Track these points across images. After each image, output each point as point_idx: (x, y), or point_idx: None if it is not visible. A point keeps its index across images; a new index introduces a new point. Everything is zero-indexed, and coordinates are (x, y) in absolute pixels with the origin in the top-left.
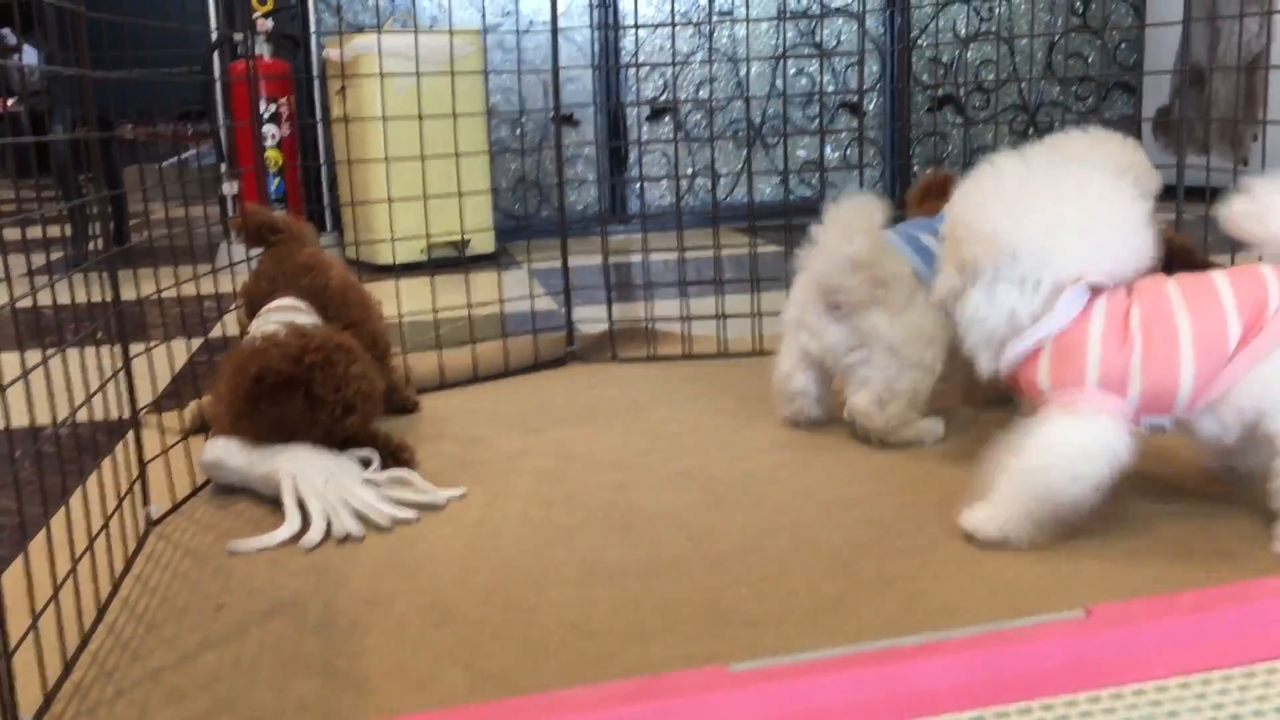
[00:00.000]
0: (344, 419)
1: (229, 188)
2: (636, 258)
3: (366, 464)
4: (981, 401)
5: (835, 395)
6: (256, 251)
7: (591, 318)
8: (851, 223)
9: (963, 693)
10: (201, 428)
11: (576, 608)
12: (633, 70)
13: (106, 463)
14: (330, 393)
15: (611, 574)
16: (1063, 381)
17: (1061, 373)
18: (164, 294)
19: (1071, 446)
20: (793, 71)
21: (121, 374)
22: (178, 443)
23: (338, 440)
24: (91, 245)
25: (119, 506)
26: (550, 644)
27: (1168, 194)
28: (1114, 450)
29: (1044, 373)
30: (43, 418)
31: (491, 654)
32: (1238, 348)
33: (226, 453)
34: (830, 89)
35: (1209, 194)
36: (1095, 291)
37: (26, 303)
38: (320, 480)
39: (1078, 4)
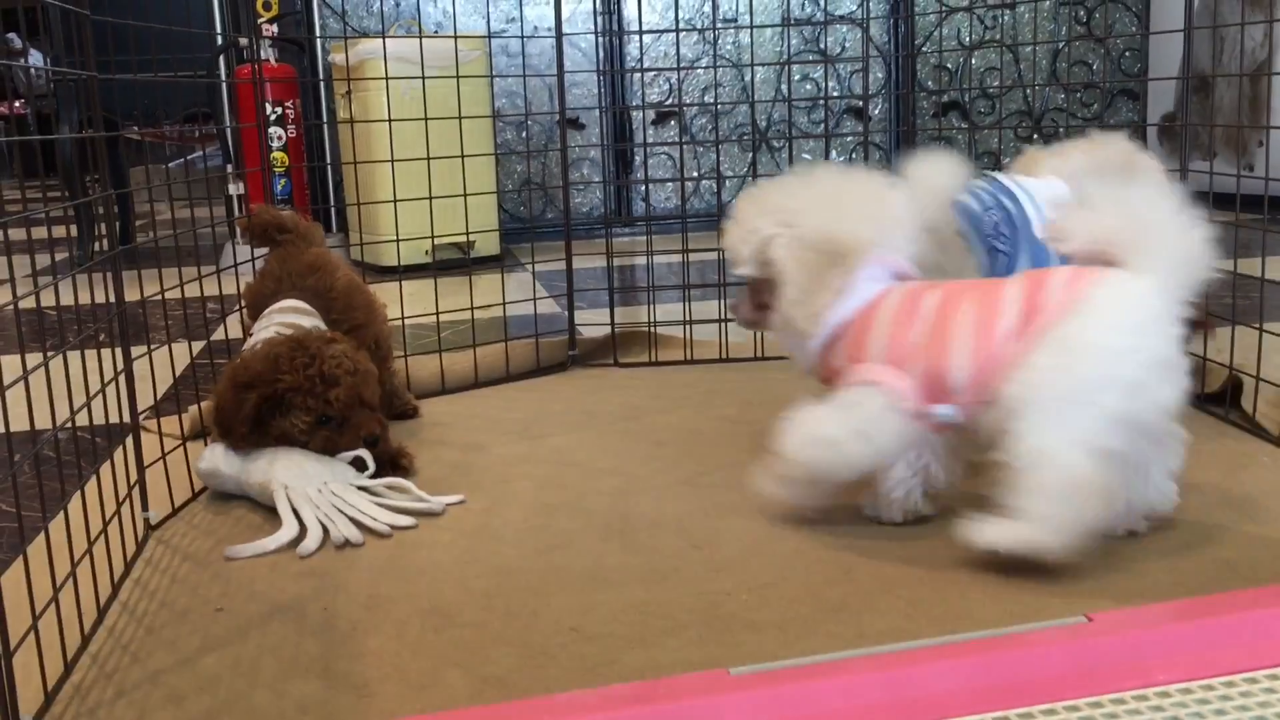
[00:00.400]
0: (326, 393)
1: (235, 188)
2: (640, 260)
3: (362, 466)
4: None
5: None
6: (262, 252)
7: (594, 321)
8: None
9: (964, 697)
10: (201, 433)
11: (577, 612)
12: (638, 75)
13: (105, 467)
14: (299, 375)
15: (612, 579)
16: (853, 357)
17: (853, 350)
18: (167, 294)
19: (854, 417)
20: (798, 77)
21: (122, 377)
22: (176, 448)
23: (335, 420)
24: (97, 245)
25: (118, 511)
26: (550, 648)
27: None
28: (895, 422)
29: (841, 353)
30: (42, 421)
31: (492, 658)
32: (1011, 335)
33: (223, 461)
34: (835, 94)
35: (1211, 199)
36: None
37: (30, 303)
38: (314, 489)
39: (1081, 13)
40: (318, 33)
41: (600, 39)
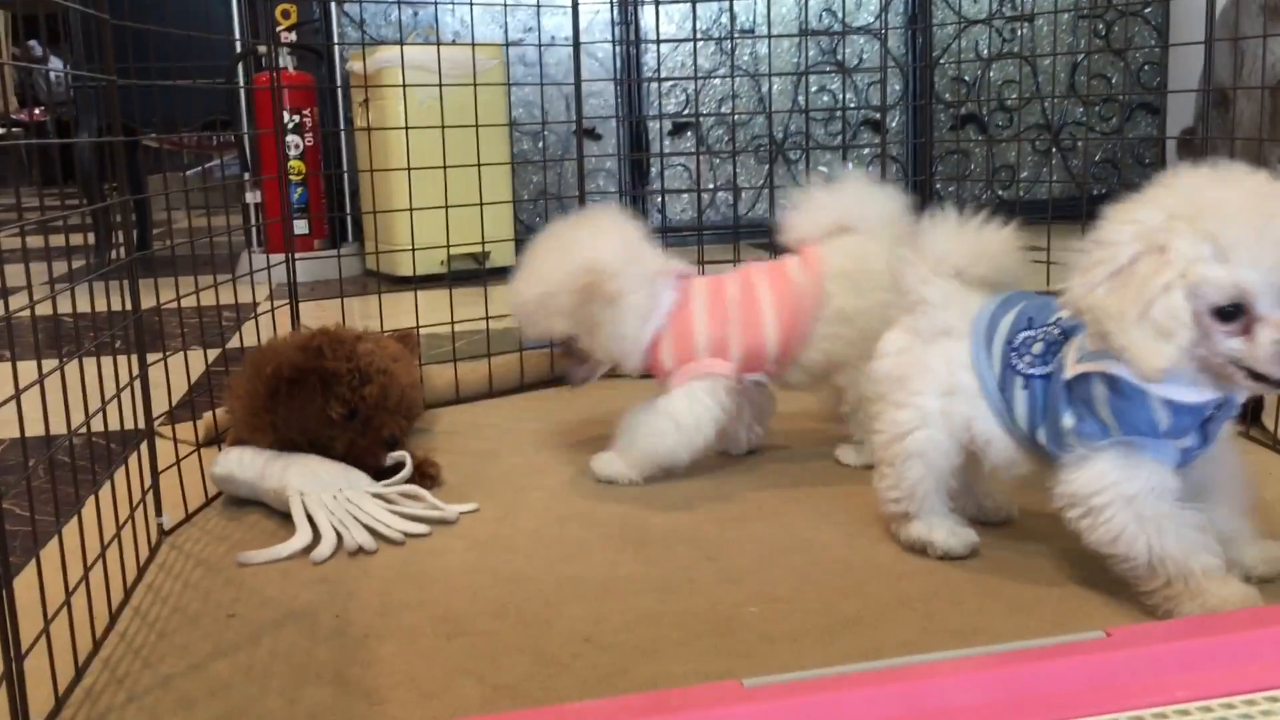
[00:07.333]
0: (362, 388)
1: (252, 196)
2: None
3: (398, 468)
4: None
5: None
6: (277, 259)
7: None
8: None
9: (980, 712)
10: (215, 439)
11: (590, 622)
12: (654, 85)
13: (120, 472)
14: (343, 364)
15: (625, 589)
16: (681, 357)
17: (680, 350)
18: (183, 301)
19: (684, 413)
20: (815, 89)
21: (137, 383)
22: (191, 453)
23: (363, 416)
24: (114, 253)
25: (131, 516)
26: (563, 657)
27: None
28: (717, 410)
29: (667, 353)
30: (57, 426)
31: (504, 666)
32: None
33: (238, 466)
34: (852, 105)
35: None
36: (684, 281)
37: (47, 309)
38: (329, 496)
39: (1100, 26)
40: (336, 40)
41: (617, 49)
